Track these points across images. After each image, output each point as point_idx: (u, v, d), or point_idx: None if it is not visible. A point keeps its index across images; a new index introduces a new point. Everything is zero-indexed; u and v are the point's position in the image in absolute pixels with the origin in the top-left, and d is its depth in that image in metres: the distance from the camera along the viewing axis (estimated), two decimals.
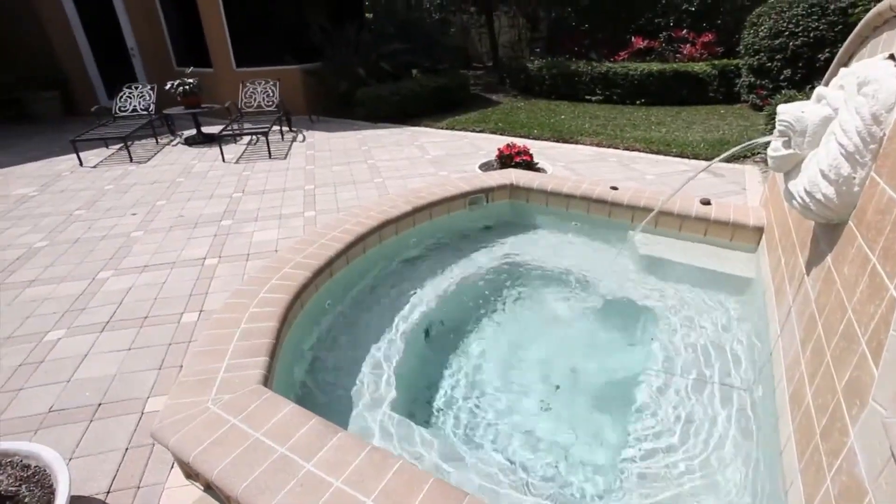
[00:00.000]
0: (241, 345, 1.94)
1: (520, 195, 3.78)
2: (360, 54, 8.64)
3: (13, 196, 5.21)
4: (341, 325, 2.61)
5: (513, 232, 3.67)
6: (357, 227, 2.91)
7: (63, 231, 4.26)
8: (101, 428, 2.14)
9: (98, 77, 9.31)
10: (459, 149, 6.45)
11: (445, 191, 3.53)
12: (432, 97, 8.58)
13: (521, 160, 4.68)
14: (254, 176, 5.61)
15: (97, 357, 2.60)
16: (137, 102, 7.53)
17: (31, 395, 2.35)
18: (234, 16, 8.31)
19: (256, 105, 7.66)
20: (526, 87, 10.33)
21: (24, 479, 1.70)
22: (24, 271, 3.57)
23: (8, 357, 2.63)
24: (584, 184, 3.61)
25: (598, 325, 2.80)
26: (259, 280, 2.37)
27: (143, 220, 4.43)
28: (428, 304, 2.76)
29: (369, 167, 5.77)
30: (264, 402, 1.68)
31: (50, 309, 3.07)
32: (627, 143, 6.28)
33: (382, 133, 7.51)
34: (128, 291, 3.23)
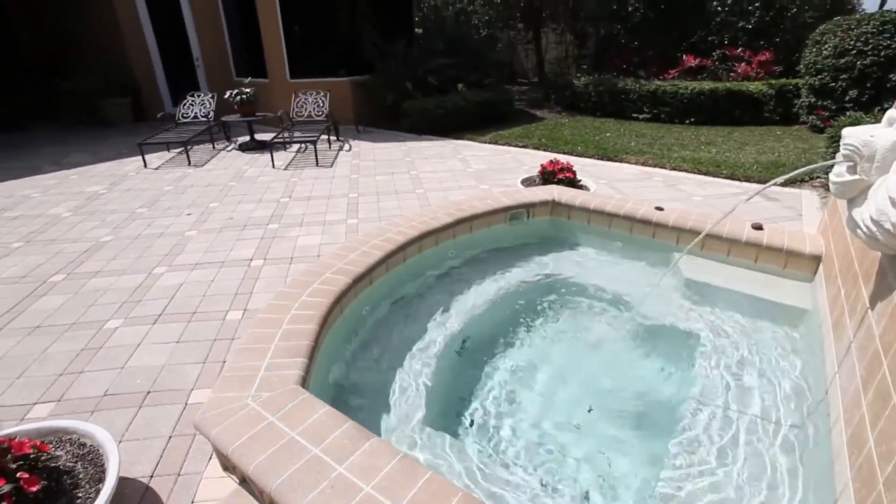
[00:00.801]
0: (282, 345, 2.01)
1: (561, 212, 3.75)
2: (409, 68, 8.85)
3: (86, 193, 5.61)
4: (378, 332, 2.65)
5: (552, 249, 3.63)
6: (398, 237, 2.96)
7: (126, 227, 4.55)
8: (149, 415, 2.26)
9: (165, 85, 9.95)
10: (502, 163, 6.47)
11: (486, 204, 3.55)
12: (477, 111, 8.67)
13: (564, 177, 4.64)
14: (301, 182, 5.82)
15: (149, 347, 2.75)
16: (198, 110, 7.98)
17: (90, 378, 2.51)
18: (292, 30, 8.70)
19: (307, 115, 7.96)
20: (571, 103, 10.27)
21: (80, 457, 1.81)
22: (90, 263, 3.83)
23: (72, 341, 2.82)
24: (628, 203, 3.54)
25: (637, 349, 2.73)
26: (302, 283, 2.44)
27: (196, 221, 4.67)
28: (464, 316, 2.77)
29: (412, 178, 5.87)
30: (301, 403, 1.73)
31: (110, 299, 3.28)
32: (674, 163, 6.12)
33: (426, 145, 7.64)
34: (179, 287, 3.41)
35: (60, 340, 2.83)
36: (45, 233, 4.46)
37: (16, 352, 2.74)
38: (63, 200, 5.35)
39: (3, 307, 3.21)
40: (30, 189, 5.79)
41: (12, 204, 5.29)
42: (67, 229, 4.53)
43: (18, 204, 5.27)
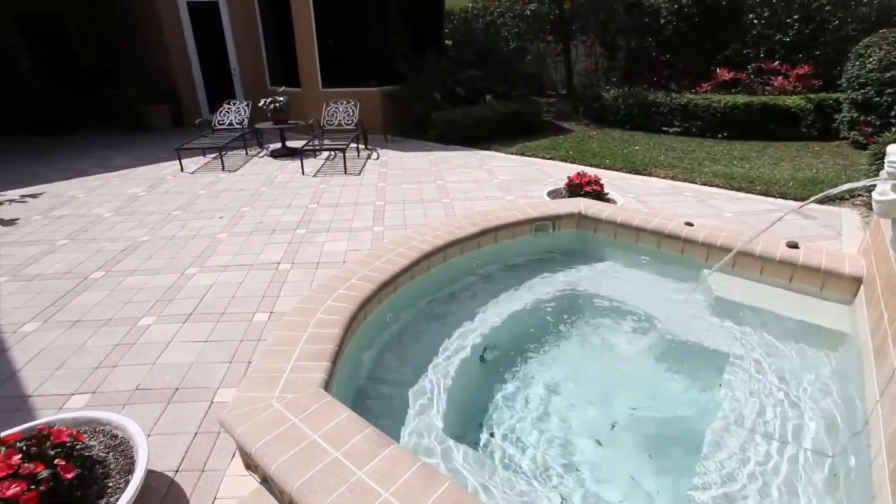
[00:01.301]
0: (307, 348, 2.05)
1: (588, 225, 3.72)
2: (438, 79, 8.95)
3: (126, 195, 5.85)
4: (400, 339, 2.67)
5: (578, 262, 3.60)
6: (423, 245, 2.99)
7: (162, 228, 4.72)
8: (177, 410, 2.32)
9: (203, 94, 10.32)
10: (528, 175, 6.46)
11: (512, 215, 3.55)
12: (504, 122, 8.69)
13: (591, 190, 4.60)
14: (329, 189, 5.93)
15: (179, 345, 2.83)
16: (234, 117, 8.25)
17: (123, 372, 2.60)
18: (325, 42, 8.93)
19: (337, 123, 8.13)
20: (599, 116, 10.20)
21: (112, 448, 1.88)
22: (127, 261, 3.99)
23: (108, 336, 2.93)
24: (656, 217, 3.49)
25: (663, 366, 2.67)
26: (327, 288, 2.49)
27: (228, 224, 4.81)
28: (486, 326, 2.77)
29: (438, 187, 5.92)
30: (323, 406, 1.75)
31: (145, 297, 3.40)
32: (705, 178, 6.00)
33: (453, 155, 7.69)
34: (210, 288, 3.51)
35: (98, 335, 2.95)
36: (87, 232, 4.66)
37: (57, 344, 2.87)
38: (105, 201, 5.59)
39: (48, 301, 3.37)
40: (76, 190, 6.08)
41: (60, 203, 5.55)
42: (108, 229, 4.73)
43: (65, 203, 5.54)
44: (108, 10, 11.43)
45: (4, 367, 2.66)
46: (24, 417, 2.28)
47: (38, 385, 2.52)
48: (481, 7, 13.73)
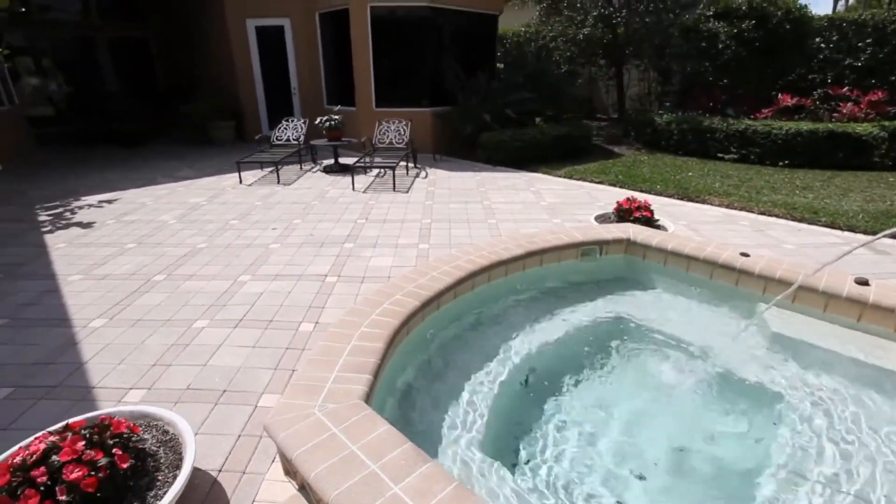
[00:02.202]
0: (350, 360, 2.09)
1: (636, 251, 3.62)
2: (488, 101, 9.07)
3: (189, 203, 6.23)
4: (441, 357, 2.68)
5: (625, 289, 3.51)
6: (468, 265, 3.00)
7: (219, 236, 4.98)
8: (223, 412, 2.41)
9: (265, 111, 10.91)
10: (575, 198, 6.39)
11: (558, 238, 3.52)
12: (553, 145, 8.66)
13: (641, 216, 4.49)
14: (377, 206, 6.08)
15: (229, 349, 2.96)
16: (291, 133, 8.66)
17: (176, 371, 2.74)
18: (380, 64, 9.26)
19: (388, 142, 8.36)
20: (651, 140, 9.99)
21: (163, 443, 1.97)
22: (186, 266, 4.22)
23: (165, 336, 3.10)
24: (710, 246, 3.36)
25: (714, 404, 2.54)
26: (372, 302, 2.54)
27: (280, 235, 5.01)
28: (528, 350, 2.73)
29: (484, 208, 5.95)
30: (363, 418, 1.78)
31: (200, 301, 3.58)
32: (764, 207, 5.73)
33: (500, 176, 7.72)
34: (260, 296, 3.65)
35: (156, 334, 3.13)
36: (153, 237, 4.98)
37: (120, 340, 3.06)
38: (170, 209, 5.97)
39: (115, 299, 3.61)
40: (146, 197, 6.53)
41: (131, 209, 5.98)
42: (171, 235, 5.04)
43: (135, 210, 5.95)
44: (186, 33, 12.39)
45: (74, 359, 2.86)
46: (87, 407, 2.45)
47: (102, 378, 2.69)
48: (534, 31, 13.86)
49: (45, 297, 3.66)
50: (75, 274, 4.08)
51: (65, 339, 3.09)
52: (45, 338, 3.11)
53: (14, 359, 2.88)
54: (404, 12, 8.95)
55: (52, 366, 2.80)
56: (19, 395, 2.55)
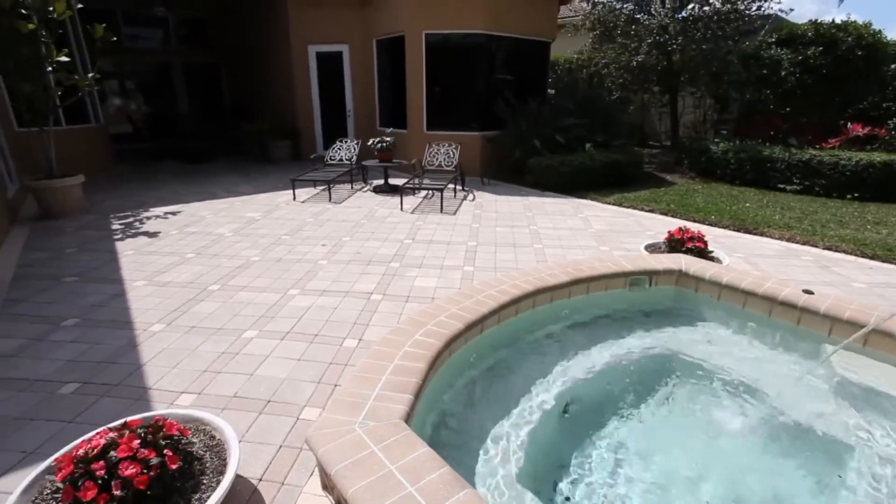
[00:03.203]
0: (392, 379, 2.11)
1: (688, 283, 3.48)
2: (538, 126, 9.09)
3: (245, 217, 6.54)
4: (482, 382, 2.65)
5: (675, 322, 3.37)
6: (513, 290, 2.98)
7: (271, 250, 5.18)
8: (266, 422, 2.47)
9: (320, 131, 11.41)
10: (625, 226, 6.24)
11: (606, 267, 3.44)
12: (602, 171, 8.54)
13: (694, 246, 4.32)
14: (424, 227, 6.16)
15: (275, 360, 3.04)
16: (344, 153, 8.98)
17: (225, 379, 2.84)
18: (433, 88, 9.51)
19: (437, 164, 8.50)
20: (706, 169, 9.66)
21: (210, 448, 2.04)
22: (239, 278, 4.41)
23: (216, 344, 3.24)
24: (769, 282, 3.18)
25: (771, 449, 2.37)
26: (416, 322, 2.56)
27: (329, 251, 5.16)
28: (571, 379, 2.66)
29: (531, 232, 5.91)
30: (402, 438, 1.78)
31: (251, 312, 3.72)
32: (830, 242, 5.38)
33: (548, 201, 7.66)
34: (307, 310, 3.75)
35: (208, 342, 3.27)
36: (210, 248, 5.25)
37: (175, 345, 3.22)
38: (228, 222, 6.29)
39: (173, 306, 3.81)
40: (206, 211, 6.92)
41: (193, 221, 6.35)
42: (227, 247, 5.29)
43: (196, 222, 6.31)
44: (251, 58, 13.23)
45: (134, 360, 3.03)
46: (143, 407, 2.58)
47: (157, 380, 2.83)
48: (586, 58, 13.86)
49: (113, 300, 3.92)
50: (140, 280, 4.35)
51: (127, 340, 3.29)
52: (110, 338, 3.32)
53: (83, 356, 3.08)
54: (458, 38, 9.19)
55: (115, 365, 2.98)
56: (85, 391, 2.72)
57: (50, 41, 6.12)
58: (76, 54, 8.80)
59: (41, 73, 6.14)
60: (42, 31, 5.98)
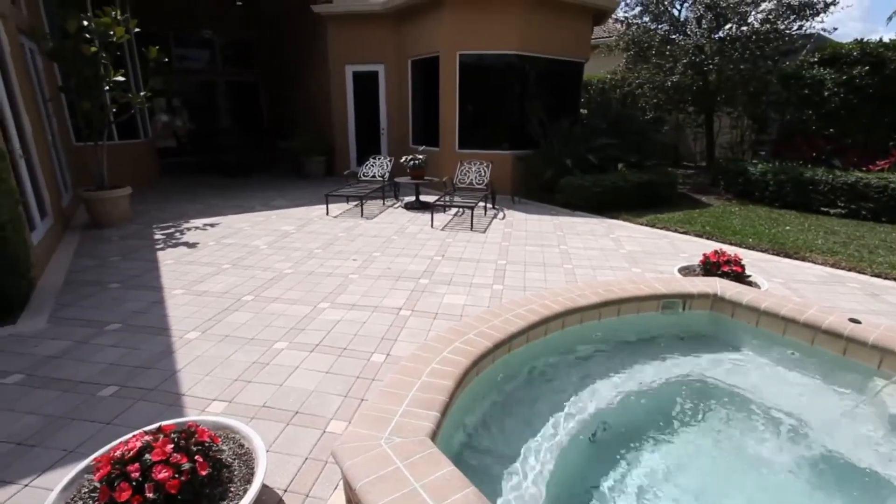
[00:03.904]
0: (419, 395, 2.10)
1: (724, 308, 3.37)
2: (570, 146, 9.06)
3: (280, 231, 6.72)
4: (509, 401, 2.62)
5: (709, 348, 3.25)
6: (542, 309, 2.95)
7: (304, 264, 5.30)
8: (293, 433, 2.51)
9: (354, 148, 11.70)
10: (658, 248, 6.11)
11: (638, 289, 3.36)
12: (635, 192, 8.41)
13: (730, 270, 4.19)
14: (454, 244, 6.18)
15: (304, 372, 3.09)
16: (377, 170, 9.15)
17: (255, 388, 2.90)
18: (465, 108, 9.63)
19: (468, 182, 8.56)
20: (743, 191, 9.39)
21: (238, 456, 2.08)
22: (272, 290, 4.52)
23: (248, 353, 3.31)
24: (811, 309, 3.05)
25: (814, 487, 2.24)
26: (444, 339, 2.56)
27: (360, 266, 5.23)
28: (600, 403, 2.60)
29: (561, 252, 5.85)
30: (428, 456, 1.77)
31: (282, 323, 3.80)
32: (879, 269, 5.12)
33: (578, 221, 7.59)
34: (336, 323, 3.81)
35: (240, 351, 3.35)
36: (246, 259, 5.41)
37: (209, 353, 3.31)
38: (263, 235, 6.48)
39: (208, 315, 3.93)
40: (243, 223, 7.14)
41: (230, 233, 6.57)
42: (262, 259, 5.44)
43: (233, 234, 6.53)
44: (289, 77, 13.74)
45: (169, 366, 3.13)
46: (176, 412, 2.65)
47: (190, 387, 2.91)
48: (619, 78, 13.80)
49: (153, 307, 4.07)
50: (178, 288, 4.51)
51: (164, 346, 3.40)
52: (149, 344, 3.44)
53: (122, 360, 3.20)
54: (491, 59, 9.31)
55: (151, 370, 3.09)
56: (123, 394, 2.82)
57: (108, 62, 6.53)
58: (130, 74, 9.34)
59: (99, 92, 6.56)
60: (102, 53, 6.40)
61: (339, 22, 10.81)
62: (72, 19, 6.17)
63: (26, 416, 2.62)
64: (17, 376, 3.02)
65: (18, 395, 2.83)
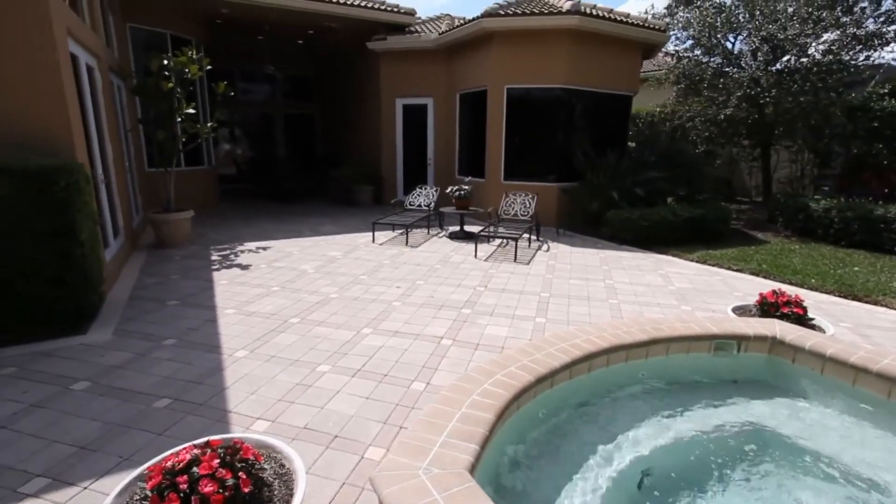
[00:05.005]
0: (459, 427, 2.09)
1: (784, 353, 3.17)
2: (617, 179, 8.95)
3: (327, 256, 6.94)
4: (551, 437, 2.54)
5: (767, 394, 3.05)
6: (586, 345, 2.88)
7: (349, 289, 5.43)
8: (332, 457, 2.53)
9: (402, 178, 12.03)
10: (710, 285, 5.85)
11: (688, 328, 3.23)
12: (684, 226, 8.15)
13: (791, 312, 3.95)
14: (497, 275, 6.17)
15: (345, 396, 3.13)
16: (423, 200, 9.34)
17: (298, 409, 2.96)
18: (512, 139, 9.75)
19: (513, 213, 8.58)
20: (804, 228, 8.90)
21: (279, 476, 2.11)
22: (317, 313, 4.64)
23: (292, 375, 3.40)
24: (887, 357, 2.81)
25: None
26: (486, 371, 2.54)
27: (403, 294, 5.30)
28: (647, 447, 2.48)
29: (606, 287, 5.71)
30: (466, 490, 1.74)
31: (326, 346, 3.88)
32: None
33: (625, 255, 7.41)
34: (378, 349, 3.85)
35: (285, 372, 3.44)
36: (294, 283, 5.60)
37: (256, 372, 3.42)
38: (311, 259, 6.70)
39: (257, 335, 4.08)
40: (293, 248, 7.43)
41: (281, 256, 6.84)
42: (309, 283, 5.62)
43: (284, 258, 6.79)
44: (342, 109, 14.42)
45: (218, 383, 3.26)
46: (222, 428, 2.74)
47: (237, 404, 3.01)
48: (669, 111, 13.59)
49: (206, 325, 4.27)
50: (230, 308, 4.72)
51: (214, 363, 3.55)
52: (200, 360, 3.60)
53: (176, 374, 3.36)
54: (539, 93, 9.43)
55: (202, 386, 3.22)
56: (175, 407, 2.95)
57: (182, 96, 7.12)
58: (199, 106, 10.10)
59: (173, 123, 7.14)
60: (177, 88, 6.99)
61: (391, 58, 11.32)
62: (154, 58, 6.81)
63: (90, 422, 2.79)
64: (84, 383, 3.23)
65: (84, 401, 3.02)
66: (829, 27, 10.16)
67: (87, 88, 5.44)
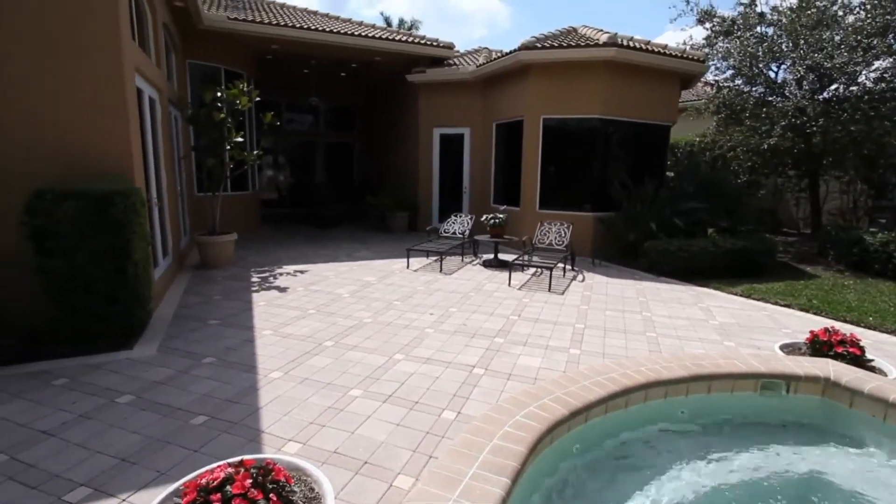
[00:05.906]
0: (490, 458, 2.05)
1: (839, 396, 2.97)
2: (654, 209, 8.77)
3: (362, 281, 7.05)
4: (584, 476, 2.45)
5: (821, 440, 2.86)
6: (623, 379, 2.79)
7: (383, 314, 5.47)
8: (360, 483, 2.51)
9: (437, 206, 12.19)
10: (755, 321, 5.59)
11: (732, 365, 3.09)
12: (726, 259, 7.85)
13: (846, 351, 3.71)
14: (531, 304, 6.09)
15: (375, 422, 3.13)
16: (457, 227, 9.41)
17: (328, 433, 2.98)
18: (548, 169, 9.76)
19: (548, 242, 8.50)
20: (859, 262, 8.41)
21: (308, 500, 2.11)
22: (351, 337, 4.70)
23: (324, 398, 3.43)
24: None
25: None
26: (518, 402, 2.50)
27: (436, 321, 5.30)
28: (689, 490, 2.36)
29: (643, 319, 5.55)
30: None
31: (358, 371, 3.91)
32: None
33: (663, 287, 7.19)
34: (410, 376, 3.85)
35: (317, 395, 3.48)
36: (329, 306, 5.70)
37: (289, 394, 3.47)
38: (346, 284, 6.82)
39: (291, 357, 4.15)
40: (329, 272, 7.59)
41: (317, 280, 6.99)
42: (344, 307, 5.70)
43: (320, 281, 6.94)
44: (380, 138, 14.86)
45: (253, 403, 3.32)
46: (254, 448, 2.78)
47: (269, 425, 3.05)
48: (709, 141, 13.31)
49: (244, 346, 4.39)
50: (267, 329, 4.83)
51: (249, 383, 3.62)
52: (237, 379, 3.68)
53: (213, 392, 3.45)
54: (575, 123, 9.46)
55: (237, 405, 3.29)
56: (211, 425, 3.02)
57: (232, 126, 7.55)
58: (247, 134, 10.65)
59: (222, 150, 7.55)
60: (228, 118, 7.42)
61: (430, 89, 11.65)
62: (209, 91, 7.27)
63: (131, 435, 2.88)
64: (129, 397, 3.36)
65: (127, 414, 3.13)
66: (880, 55, 9.81)
67: (147, 118, 5.85)
